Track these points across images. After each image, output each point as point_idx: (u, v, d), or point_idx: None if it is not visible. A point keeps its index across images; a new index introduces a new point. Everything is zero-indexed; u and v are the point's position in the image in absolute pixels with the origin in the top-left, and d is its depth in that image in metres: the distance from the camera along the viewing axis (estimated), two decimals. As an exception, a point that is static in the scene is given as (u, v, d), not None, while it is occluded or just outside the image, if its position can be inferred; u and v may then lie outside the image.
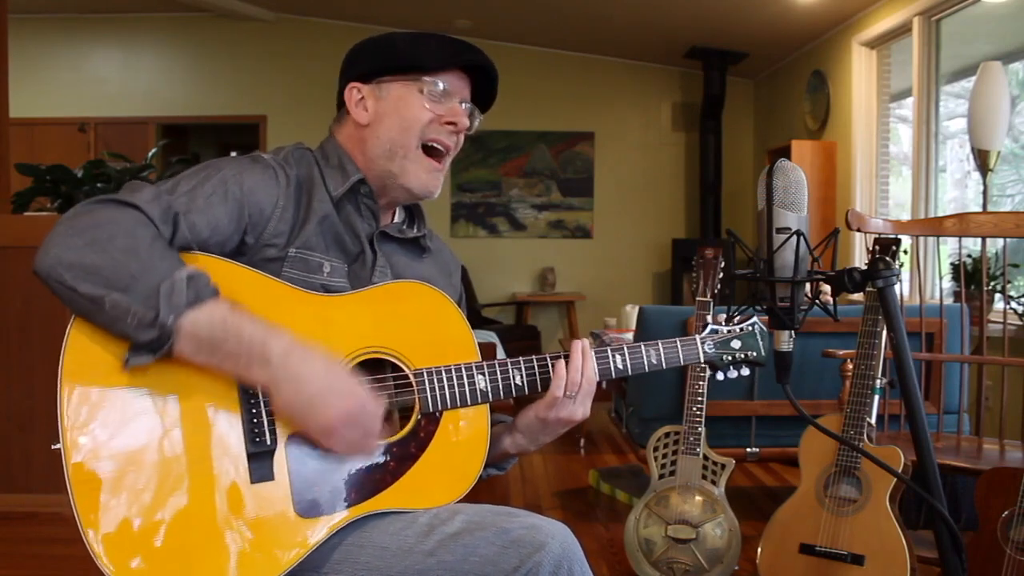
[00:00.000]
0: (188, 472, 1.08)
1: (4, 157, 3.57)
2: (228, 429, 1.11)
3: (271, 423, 1.12)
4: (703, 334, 1.39)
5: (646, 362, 1.33)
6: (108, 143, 6.94)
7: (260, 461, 1.11)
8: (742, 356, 1.39)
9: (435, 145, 1.33)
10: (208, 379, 1.10)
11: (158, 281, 1.04)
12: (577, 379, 1.27)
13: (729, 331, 1.39)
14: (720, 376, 1.40)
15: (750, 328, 1.39)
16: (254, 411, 1.12)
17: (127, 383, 1.07)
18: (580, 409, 1.29)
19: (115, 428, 1.06)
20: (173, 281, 1.04)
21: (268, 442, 1.12)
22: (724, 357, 1.38)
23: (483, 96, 1.39)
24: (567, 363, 1.27)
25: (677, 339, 1.36)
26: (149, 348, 1.05)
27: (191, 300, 1.05)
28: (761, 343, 1.40)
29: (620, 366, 1.32)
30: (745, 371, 1.40)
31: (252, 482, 1.10)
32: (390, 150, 1.31)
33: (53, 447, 1.05)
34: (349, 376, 1.12)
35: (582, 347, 1.28)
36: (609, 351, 1.32)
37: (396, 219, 1.42)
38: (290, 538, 1.11)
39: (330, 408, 1.09)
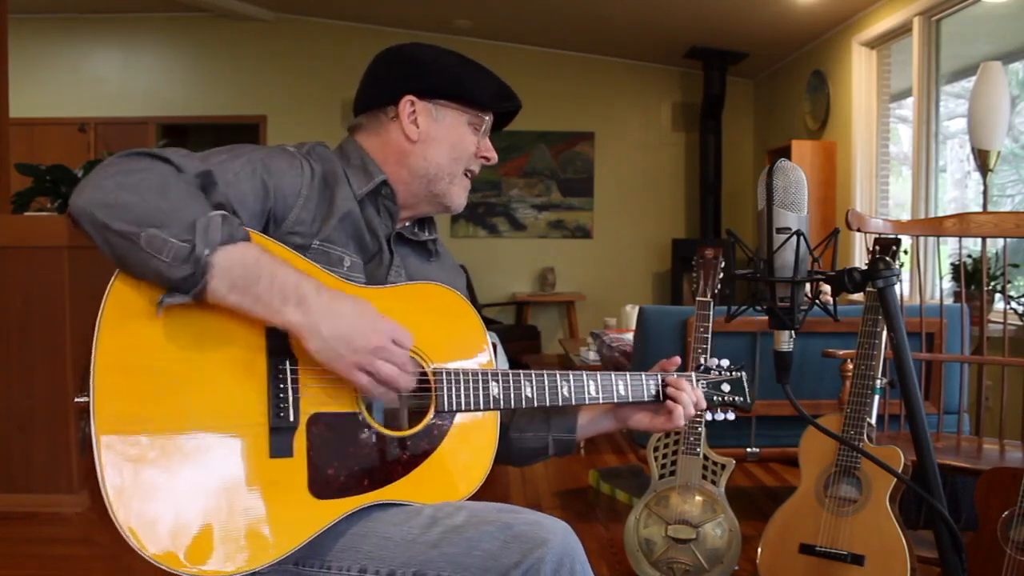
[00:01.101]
0: (209, 440, 1.08)
1: (4, 157, 3.57)
2: (253, 402, 1.12)
3: (296, 400, 1.13)
4: (698, 372, 1.45)
5: (645, 391, 1.40)
6: (108, 143, 6.94)
7: (281, 436, 1.12)
8: (730, 400, 1.46)
9: (468, 181, 1.43)
10: (237, 352, 1.11)
11: (193, 217, 1.05)
12: (692, 411, 1.39)
13: (720, 374, 1.46)
14: (708, 417, 1.46)
15: (738, 374, 1.47)
16: (281, 386, 1.13)
17: (158, 346, 1.07)
18: None
19: (142, 389, 1.06)
20: (208, 218, 1.05)
21: (291, 419, 1.12)
22: (715, 398, 1.45)
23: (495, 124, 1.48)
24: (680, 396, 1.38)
25: (675, 373, 1.42)
26: (183, 286, 1.05)
27: (226, 237, 1.06)
28: (747, 390, 1.46)
29: (623, 392, 1.37)
30: (731, 415, 1.46)
31: (270, 456, 1.11)
32: (436, 174, 1.37)
33: (77, 399, 1.05)
34: (377, 310, 1.15)
35: (687, 387, 1.39)
36: (612, 377, 1.36)
37: (408, 221, 1.45)
38: (300, 517, 1.12)
39: (370, 334, 1.11)
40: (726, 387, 1.45)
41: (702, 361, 1.46)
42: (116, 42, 7.38)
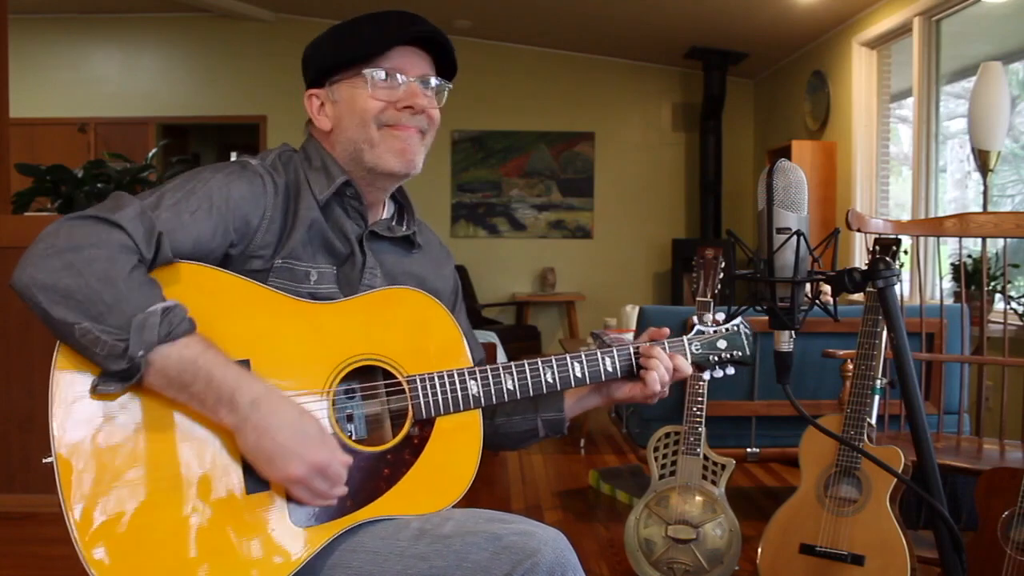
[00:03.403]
0: (182, 483, 1.07)
1: (4, 157, 3.56)
2: (223, 440, 1.10)
3: None
4: (690, 335, 1.40)
5: (635, 362, 1.34)
6: (108, 143, 6.94)
7: (255, 472, 1.10)
8: (728, 356, 1.40)
9: (397, 132, 1.30)
10: None
11: (132, 313, 1.02)
12: (667, 378, 1.33)
13: (715, 331, 1.40)
14: (707, 376, 1.41)
15: (735, 328, 1.41)
16: None
17: (119, 399, 1.06)
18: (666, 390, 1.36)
19: (108, 440, 1.05)
20: (147, 314, 1.03)
21: None
22: (711, 357, 1.40)
23: (446, 64, 1.35)
24: (653, 366, 1.32)
25: (664, 340, 1.37)
26: (118, 378, 1.03)
27: (163, 336, 1.03)
28: (746, 342, 1.41)
29: (610, 368, 1.33)
30: (731, 370, 1.42)
31: (247, 493, 1.10)
32: (355, 149, 1.29)
33: (45, 460, 1.04)
34: (318, 429, 1.10)
35: (658, 353, 1.33)
36: (599, 354, 1.32)
37: (385, 215, 1.40)
38: (286, 549, 1.10)
39: (293, 462, 1.07)
40: (723, 344, 1.39)
41: (695, 321, 1.41)
42: (116, 42, 7.38)
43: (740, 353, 1.40)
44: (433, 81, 1.33)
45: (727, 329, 1.40)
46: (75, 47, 7.33)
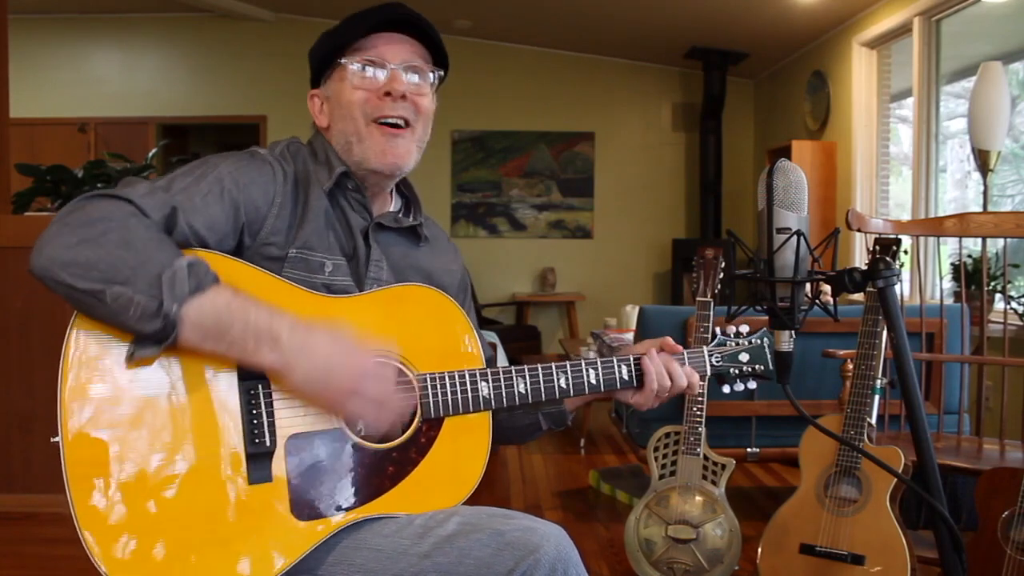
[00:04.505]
0: (186, 472, 1.07)
1: (4, 157, 3.56)
2: (227, 429, 1.10)
3: (271, 424, 1.12)
4: (711, 346, 1.37)
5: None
6: (108, 143, 6.94)
7: (259, 462, 1.10)
8: (749, 370, 1.38)
9: (387, 121, 1.30)
10: (208, 378, 1.10)
11: (159, 271, 1.03)
12: (667, 383, 1.32)
13: (737, 343, 1.37)
14: (726, 389, 1.39)
15: (759, 341, 1.38)
16: (254, 412, 1.11)
17: (127, 380, 1.06)
18: (659, 401, 1.34)
19: (114, 425, 1.05)
20: (174, 270, 1.03)
21: (268, 443, 1.11)
22: (732, 370, 1.38)
23: (439, 54, 1.35)
24: (650, 373, 1.31)
25: (685, 351, 1.35)
26: (153, 339, 1.03)
27: (193, 288, 1.04)
28: (769, 356, 1.38)
29: (626, 376, 1.32)
30: (752, 384, 1.39)
31: (250, 483, 1.10)
32: (346, 142, 1.31)
33: (53, 440, 1.04)
34: (354, 340, 1.13)
35: (652, 358, 1.32)
36: (615, 361, 1.32)
37: (392, 207, 1.41)
38: (286, 541, 1.10)
39: (347, 368, 1.09)
40: (744, 356, 1.37)
41: (718, 331, 1.38)
42: (116, 42, 7.38)
43: (762, 367, 1.38)
44: (427, 72, 1.33)
45: (750, 342, 1.38)
46: (75, 47, 7.32)
